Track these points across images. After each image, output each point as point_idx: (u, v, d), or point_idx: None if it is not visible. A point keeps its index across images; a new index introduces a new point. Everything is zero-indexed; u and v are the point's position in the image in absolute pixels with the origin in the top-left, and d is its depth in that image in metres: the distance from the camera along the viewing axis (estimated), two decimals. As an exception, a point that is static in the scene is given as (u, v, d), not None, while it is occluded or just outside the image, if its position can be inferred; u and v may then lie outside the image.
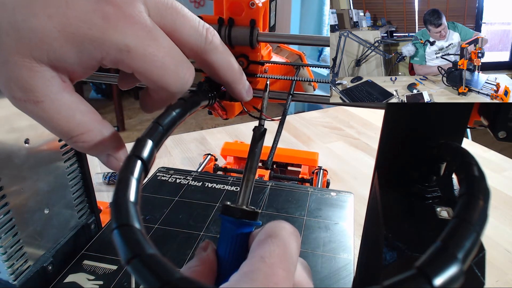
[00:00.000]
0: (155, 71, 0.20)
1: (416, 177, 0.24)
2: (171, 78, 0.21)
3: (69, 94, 0.20)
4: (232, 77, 0.26)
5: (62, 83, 0.20)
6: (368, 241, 0.28)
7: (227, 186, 0.52)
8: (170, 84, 0.21)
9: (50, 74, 0.19)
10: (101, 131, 0.21)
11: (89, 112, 0.21)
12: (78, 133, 0.20)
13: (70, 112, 0.20)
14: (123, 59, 0.20)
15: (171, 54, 0.21)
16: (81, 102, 0.21)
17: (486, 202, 0.16)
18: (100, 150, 0.22)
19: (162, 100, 0.23)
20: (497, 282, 0.51)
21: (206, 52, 0.23)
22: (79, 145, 0.21)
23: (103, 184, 0.72)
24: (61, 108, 0.20)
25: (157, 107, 0.24)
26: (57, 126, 0.20)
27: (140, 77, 0.21)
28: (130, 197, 0.16)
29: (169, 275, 0.14)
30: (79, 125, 0.20)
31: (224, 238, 0.23)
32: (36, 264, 0.37)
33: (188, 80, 0.22)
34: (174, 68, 0.21)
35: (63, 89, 0.20)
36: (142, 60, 0.20)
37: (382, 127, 0.25)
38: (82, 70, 0.20)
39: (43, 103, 0.19)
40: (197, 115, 2.65)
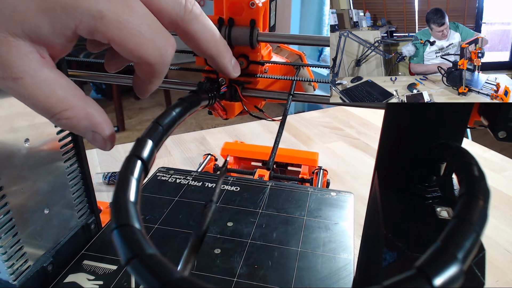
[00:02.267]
0: (131, 39, 0.20)
1: (416, 177, 0.24)
2: (149, 47, 0.20)
3: (49, 69, 0.19)
4: (216, 49, 0.25)
5: (41, 59, 0.19)
6: (368, 241, 0.28)
7: (227, 186, 0.52)
8: (148, 55, 0.20)
9: (27, 49, 0.19)
10: (84, 108, 0.21)
11: (71, 88, 0.20)
12: (60, 110, 0.20)
13: (50, 88, 0.19)
14: (97, 27, 0.19)
15: (147, 21, 0.20)
16: (62, 78, 0.20)
17: (486, 202, 0.16)
18: (84, 127, 0.21)
19: (146, 76, 0.22)
20: (497, 282, 0.51)
21: (186, 22, 0.23)
22: (62, 123, 0.20)
23: (103, 184, 0.72)
24: (41, 84, 0.19)
25: (146, 88, 0.23)
26: (38, 103, 0.19)
27: (117, 47, 0.20)
28: (130, 197, 0.16)
29: (169, 275, 0.14)
30: (61, 101, 0.20)
31: None
32: (36, 264, 0.37)
33: (168, 51, 0.21)
34: (151, 37, 0.20)
35: (43, 64, 0.19)
36: (116, 28, 0.19)
37: (382, 127, 0.25)
38: (60, 43, 0.19)
39: (22, 80, 0.19)
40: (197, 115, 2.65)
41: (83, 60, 0.48)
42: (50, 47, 0.20)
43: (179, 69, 0.39)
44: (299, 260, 0.39)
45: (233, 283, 0.35)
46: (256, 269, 0.37)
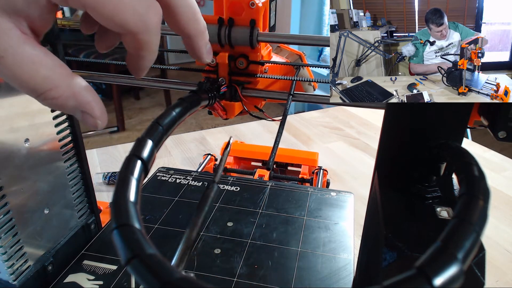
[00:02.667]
0: (107, 4, 0.18)
1: (416, 177, 0.24)
2: (128, 13, 0.19)
3: (31, 47, 0.19)
4: (194, 28, 0.24)
5: (22, 35, 0.18)
6: (368, 241, 0.28)
7: (227, 186, 0.52)
8: (127, 21, 0.19)
9: (6, 25, 0.18)
10: (69, 86, 0.20)
11: (56, 66, 0.19)
12: (45, 89, 0.19)
13: (33, 66, 0.18)
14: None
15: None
16: (46, 55, 0.19)
17: (486, 202, 0.16)
18: (72, 106, 0.20)
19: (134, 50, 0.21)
20: (497, 282, 0.51)
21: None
22: (49, 102, 0.19)
23: (103, 184, 0.72)
24: (23, 63, 0.18)
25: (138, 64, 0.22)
26: (22, 82, 0.19)
27: (93, 13, 0.19)
28: (130, 197, 0.16)
29: (169, 275, 0.14)
30: (45, 80, 0.19)
31: None
32: (36, 264, 0.37)
33: (150, 18, 0.20)
34: (129, 2, 0.19)
35: (24, 41, 0.18)
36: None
37: (382, 127, 0.25)
38: (37, 14, 0.19)
39: (4, 59, 0.18)
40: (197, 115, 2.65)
41: (83, 60, 0.48)
42: (29, 20, 0.19)
43: (179, 69, 0.39)
44: (299, 260, 0.39)
45: (233, 283, 0.35)
46: (256, 269, 0.37)
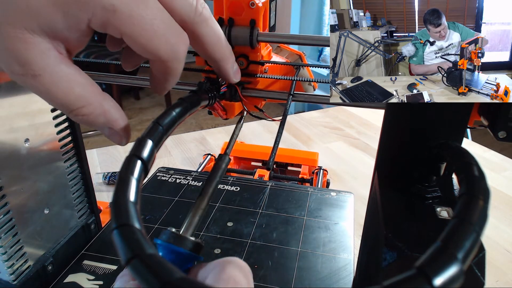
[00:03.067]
0: (144, 34, 0.20)
1: (416, 177, 0.24)
2: (161, 43, 0.20)
3: (66, 66, 0.20)
4: (221, 54, 0.25)
5: (59, 55, 0.19)
6: (368, 241, 0.28)
7: (227, 186, 0.52)
8: (160, 50, 0.21)
9: (45, 45, 0.19)
10: (101, 104, 0.21)
11: (89, 84, 0.21)
12: (78, 106, 0.20)
13: (68, 85, 0.19)
14: (110, 20, 0.19)
15: (159, 17, 0.20)
16: (80, 75, 0.20)
17: (486, 202, 0.16)
18: (101, 123, 0.21)
19: (161, 74, 0.22)
20: (497, 282, 0.51)
21: (195, 24, 0.23)
22: (79, 118, 0.21)
23: (103, 184, 0.72)
24: (59, 81, 0.19)
25: (162, 86, 0.24)
26: (56, 99, 0.20)
27: (129, 41, 0.20)
28: (130, 197, 0.16)
29: (169, 275, 0.14)
30: (78, 98, 0.20)
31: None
32: (36, 264, 0.37)
33: (180, 48, 0.21)
34: (163, 32, 0.20)
35: (60, 61, 0.19)
36: (129, 22, 0.19)
37: (382, 127, 0.25)
38: (75, 38, 0.20)
39: (41, 77, 0.19)
40: (197, 115, 2.65)
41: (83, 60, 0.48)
42: (66, 42, 0.20)
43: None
44: (299, 260, 0.39)
45: (233, 283, 0.35)
46: (256, 269, 0.37)
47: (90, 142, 2.45)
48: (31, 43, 0.18)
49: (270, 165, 0.27)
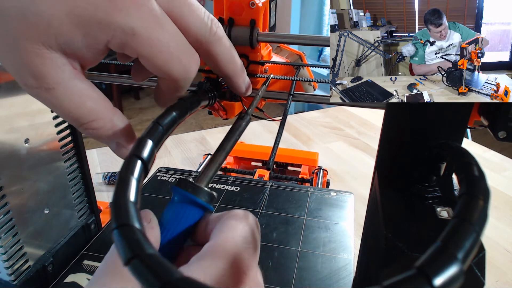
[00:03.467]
0: (160, 56, 0.20)
1: (416, 177, 0.24)
2: (175, 64, 0.21)
3: (80, 81, 0.20)
4: (233, 70, 0.26)
5: (73, 70, 0.20)
6: (368, 241, 0.28)
7: (227, 186, 0.52)
8: (173, 71, 0.21)
9: (61, 61, 0.19)
10: (111, 119, 0.21)
11: (100, 99, 0.21)
12: (89, 120, 0.21)
13: (81, 99, 0.20)
14: (128, 43, 0.20)
15: (176, 40, 0.21)
16: (93, 90, 0.21)
17: (486, 202, 0.16)
18: (110, 137, 0.22)
19: (169, 90, 0.23)
20: (497, 282, 0.51)
21: (210, 43, 0.23)
22: (89, 132, 0.21)
23: (103, 184, 0.72)
24: (72, 95, 0.20)
25: (167, 99, 0.24)
26: (68, 113, 0.20)
27: (145, 62, 0.21)
28: (130, 197, 0.16)
29: (169, 275, 0.13)
30: (90, 112, 0.21)
31: (170, 213, 0.22)
32: (36, 264, 0.37)
33: (192, 68, 0.22)
34: (178, 55, 0.21)
35: (74, 76, 0.20)
36: (147, 44, 0.20)
37: (382, 127, 0.25)
38: (91, 55, 0.20)
39: (55, 90, 0.19)
40: (197, 115, 2.65)
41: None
42: (82, 59, 0.20)
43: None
44: (299, 260, 0.39)
45: (233, 283, 0.35)
46: (256, 269, 0.37)
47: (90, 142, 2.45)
48: (48, 58, 0.19)
49: (270, 165, 0.27)
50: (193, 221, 0.22)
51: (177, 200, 0.22)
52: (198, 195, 0.22)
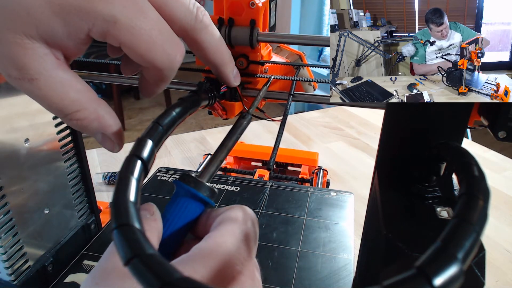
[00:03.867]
0: (142, 44, 0.20)
1: (416, 177, 0.24)
2: (158, 53, 0.21)
3: (63, 71, 0.20)
4: (221, 59, 0.26)
5: (56, 60, 0.20)
6: (368, 241, 0.28)
7: (227, 186, 0.52)
8: (157, 60, 0.21)
9: (43, 51, 0.19)
10: (95, 109, 0.21)
11: (84, 90, 0.21)
12: (72, 110, 0.20)
13: (64, 89, 0.20)
14: (109, 31, 0.19)
15: (158, 28, 0.21)
16: (76, 80, 0.21)
17: (486, 202, 0.16)
18: (95, 128, 0.21)
19: (154, 80, 0.23)
20: (497, 282, 0.51)
21: (196, 31, 0.23)
22: (74, 123, 0.21)
23: (103, 184, 0.72)
24: (55, 86, 0.20)
25: (152, 90, 0.24)
26: (52, 103, 0.20)
27: (127, 51, 0.20)
28: (130, 197, 0.16)
29: (169, 275, 0.13)
30: (73, 102, 0.20)
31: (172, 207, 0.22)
32: (36, 264, 0.37)
33: (176, 57, 0.22)
34: (161, 43, 0.21)
35: (57, 66, 0.20)
36: (128, 33, 0.19)
37: (382, 127, 0.25)
38: (74, 45, 0.20)
39: (38, 81, 0.19)
40: (197, 115, 2.65)
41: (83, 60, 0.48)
42: (64, 49, 0.20)
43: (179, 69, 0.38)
44: (299, 260, 0.39)
45: (233, 283, 0.35)
46: (256, 269, 0.37)
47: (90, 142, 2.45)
48: (29, 48, 0.19)
49: (271, 165, 0.27)
50: (195, 215, 0.22)
51: (179, 194, 0.22)
52: (200, 190, 0.22)
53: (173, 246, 0.22)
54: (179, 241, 0.22)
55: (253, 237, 0.22)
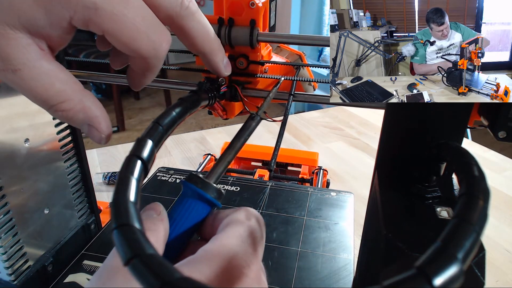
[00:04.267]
0: (125, 32, 0.20)
1: (416, 177, 0.24)
2: (143, 41, 0.20)
3: (47, 62, 0.20)
4: (209, 47, 0.25)
5: (40, 51, 0.19)
6: (368, 241, 0.28)
7: (227, 186, 0.52)
8: (142, 48, 0.20)
9: (26, 41, 0.19)
10: (81, 101, 0.21)
11: (69, 81, 0.21)
12: (57, 102, 0.20)
13: (48, 80, 0.20)
14: (91, 18, 0.19)
15: (142, 14, 0.20)
16: (61, 71, 0.20)
17: (486, 202, 0.16)
18: (81, 120, 0.21)
19: (141, 70, 0.22)
20: (497, 282, 0.51)
21: (182, 18, 0.23)
22: (59, 114, 0.21)
23: (103, 184, 0.72)
24: (39, 76, 0.19)
25: (139, 81, 0.24)
26: (36, 94, 0.20)
27: (111, 39, 0.20)
28: (130, 197, 0.16)
29: (169, 275, 0.13)
30: (58, 93, 0.20)
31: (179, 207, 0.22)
32: (36, 264, 0.37)
33: (162, 45, 0.21)
34: (145, 30, 0.20)
35: (41, 56, 0.19)
36: (111, 19, 0.19)
37: (382, 127, 0.25)
38: (57, 34, 0.20)
39: (21, 72, 0.19)
40: (197, 115, 2.65)
41: (83, 60, 0.48)
42: (48, 39, 0.20)
43: (179, 69, 0.39)
44: (299, 260, 0.39)
45: (233, 283, 0.35)
46: (256, 269, 0.37)
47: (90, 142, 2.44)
48: (12, 39, 0.18)
49: (272, 166, 0.27)
50: (201, 216, 0.22)
51: (186, 194, 0.22)
52: (207, 191, 0.22)
53: (179, 246, 0.22)
54: (185, 242, 0.22)
55: (259, 240, 0.22)
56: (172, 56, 3.81)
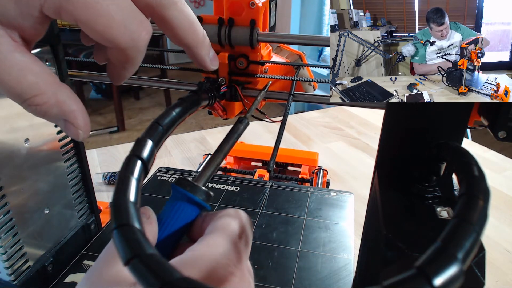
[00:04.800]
0: (99, 20, 0.18)
1: (416, 177, 0.24)
2: (119, 30, 0.19)
3: (20, 54, 0.19)
4: (194, 39, 0.24)
5: (13, 43, 0.19)
6: (368, 241, 0.28)
7: (227, 186, 0.52)
8: (118, 38, 0.19)
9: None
10: (55, 94, 0.20)
11: (43, 73, 0.20)
12: (30, 95, 0.19)
13: (21, 72, 0.19)
14: (62, 6, 0.18)
15: (117, 3, 0.19)
16: (35, 63, 0.19)
17: (486, 202, 0.16)
18: (55, 114, 0.20)
19: (119, 62, 0.21)
20: (497, 282, 0.51)
21: (163, 8, 0.21)
22: (33, 109, 0.20)
23: (103, 184, 0.72)
24: (12, 69, 0.19)
25: (119, 74, 0.23)
26: (9, 88, 0.19)
27: (85, 28, 0.19)
28: (130, 197, 0.16)
29: (169, 275, 0.13)
30: (31, 86, 0.19)
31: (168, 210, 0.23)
32: (36, 264, 0.37)
33: (141, 36, 0.20)
34: (121, 19, 0.19)
35: (14, 48, 0.19)
36: (83, 7, 0.18)
37: (382, 127, 0.25)
38: (29, 25, 0.19)
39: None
40: (197, 115, 2.65)
41: (83, 60, 0.48)
42: (20, 29, 0.19)
43: (179, 69, 0.39)
44: (299, 260, 0.39)
45: (233, 283, 0.35)
46: (256, 269, 0.37)
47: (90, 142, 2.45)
48: None
49: (271, 166, 0.27)
50: (190, 218, 0.23)
51: (175, 197, 0.23)
52: (196, 193, 0.22)
53: (168, 248, 0.22)
54: (174, 243, 0.23)
55: (245, 240, 0.22)
56: (172, 56, 3.81)
